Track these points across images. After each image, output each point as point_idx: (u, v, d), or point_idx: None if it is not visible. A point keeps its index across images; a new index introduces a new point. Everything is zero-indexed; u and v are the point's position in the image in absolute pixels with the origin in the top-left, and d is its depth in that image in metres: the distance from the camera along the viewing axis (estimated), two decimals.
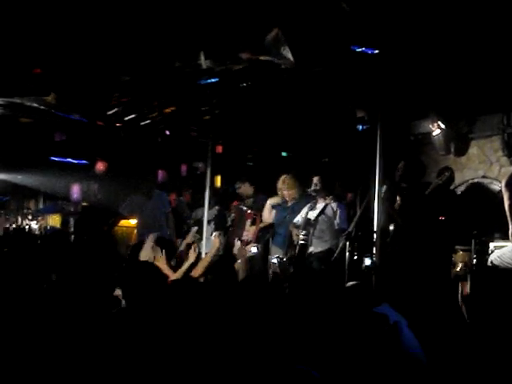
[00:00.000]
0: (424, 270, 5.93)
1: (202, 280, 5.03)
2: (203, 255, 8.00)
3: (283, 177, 8.07)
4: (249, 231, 8.30)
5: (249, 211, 8.51)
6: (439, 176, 7.27)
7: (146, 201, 8.95)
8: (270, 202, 8.32)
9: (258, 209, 8.39)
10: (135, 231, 9.43)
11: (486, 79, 6.57)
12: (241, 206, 8.69)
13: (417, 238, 6.72)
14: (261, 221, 8.26)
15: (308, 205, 7.65)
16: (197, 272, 5.26)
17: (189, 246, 6.20)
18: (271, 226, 8.18)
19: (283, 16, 5.15)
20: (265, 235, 8.16)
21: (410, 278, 5.93)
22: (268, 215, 8.28)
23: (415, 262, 6.20)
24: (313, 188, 7.63)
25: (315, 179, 7.65)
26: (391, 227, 6.99)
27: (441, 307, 5.42)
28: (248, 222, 8.40)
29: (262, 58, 5.68)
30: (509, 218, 4.44)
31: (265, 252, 7.92)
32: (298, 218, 7.67)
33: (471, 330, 4.70)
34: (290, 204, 8.02)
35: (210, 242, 8.06)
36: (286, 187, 7.99)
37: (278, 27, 5.17)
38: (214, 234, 8.02)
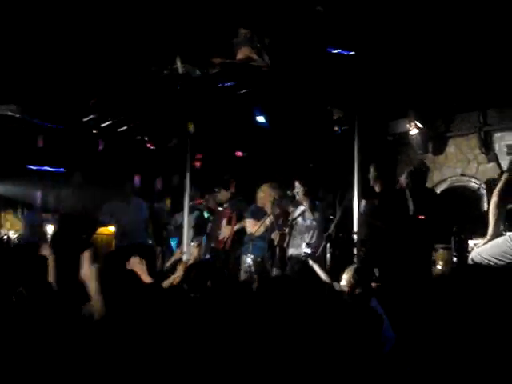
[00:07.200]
0: (405, 269, 5.94)
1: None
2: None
3: (264, 186, 7.74)
4: (225, 229, 8.24)
5: (221, 209, 8.40)
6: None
7: (125, 207, 8.83)
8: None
9: (234, 209, 8.23)
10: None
11: (462, 78, 6.62)
12: (219, 208, 8.58)
13: (397, 237, 6.73)
14: (237, 221, 8.16)
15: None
16: (176, 279, 5.21)
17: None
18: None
19: (260, 19, 5.15)
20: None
21: (392, 278, 5.93)
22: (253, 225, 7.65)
23: (396, 262, 6.21)
24: (296, 192, 7.50)
25: (297, 183, 7.51)
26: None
27: (422, 305, 5.43)
28: (224, 222, 8.31)
29: (238, 56, 5.65)
30: (492, 219, 4.53)
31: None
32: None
33: (452, 328, 4.72)
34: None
35: (189, 249, 7.99)
36: (268, 198, 7.55)
37: (252, 30, 5.17)
38: (193, 243, 7.94)
